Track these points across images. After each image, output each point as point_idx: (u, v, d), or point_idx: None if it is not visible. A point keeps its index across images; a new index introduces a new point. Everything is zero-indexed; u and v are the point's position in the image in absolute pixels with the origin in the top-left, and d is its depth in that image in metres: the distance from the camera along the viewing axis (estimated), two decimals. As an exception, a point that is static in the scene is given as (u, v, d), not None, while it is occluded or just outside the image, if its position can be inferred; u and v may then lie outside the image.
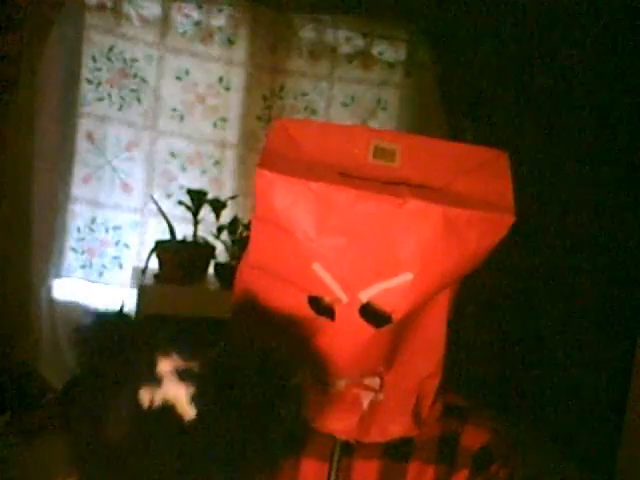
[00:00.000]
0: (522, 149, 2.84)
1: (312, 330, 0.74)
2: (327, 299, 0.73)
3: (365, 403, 0.78)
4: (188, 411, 0.60)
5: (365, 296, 0.71)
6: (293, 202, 0.70)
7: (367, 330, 0.71)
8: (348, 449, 0.81)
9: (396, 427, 0.79)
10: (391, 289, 0.70)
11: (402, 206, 0.68)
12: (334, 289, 0.71)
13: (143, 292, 2.35)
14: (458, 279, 0.74)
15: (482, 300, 2.74)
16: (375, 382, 0.78)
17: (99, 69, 2.65)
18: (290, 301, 0.75)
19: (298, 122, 0.80)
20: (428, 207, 0.68)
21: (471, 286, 0.80)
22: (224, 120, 2.82)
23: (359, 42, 2.92)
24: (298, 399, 0.63)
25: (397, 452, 0.81)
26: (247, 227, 2.45)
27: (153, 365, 0.61)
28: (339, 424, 0.79)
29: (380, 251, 0.70)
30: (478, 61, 2.79)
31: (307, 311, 0.74)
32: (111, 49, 2.65)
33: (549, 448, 2.55)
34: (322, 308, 0.74)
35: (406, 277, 0.70)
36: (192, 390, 0.60)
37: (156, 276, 2.41)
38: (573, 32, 2.71)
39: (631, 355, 2.16)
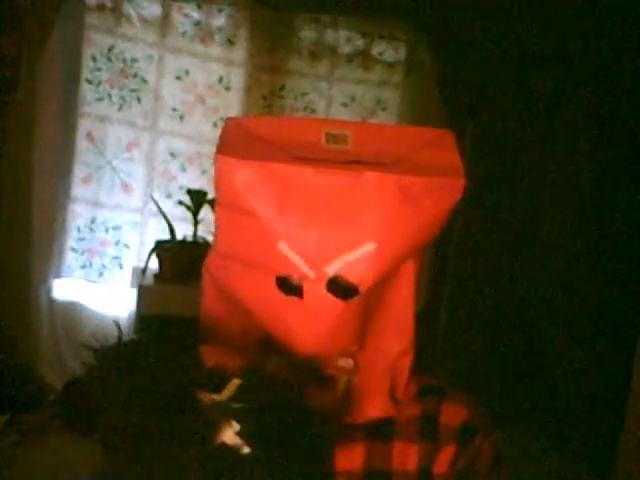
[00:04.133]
0: (522, 149, 2.85)
1: (284, 312, 0.75)
2: (295, 277, 0.75)
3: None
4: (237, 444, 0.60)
5: (331, 270, 0.72)
6: (253, 184, 0.72)
7: (336, 304, 0.73)
8: None
9: (373, 407, 0.80)
10: (356, 260, 0.72)
11: (358, 178, 0.71)
12: (300, 266, 0.73)
13: (143, 292, 2.35)
14: (421, 246, 0.77)
15: (483, 299, 2.74)
16: (349, 363, 0.79)
17: (99, 69, 2.65)
18: (260, 286, 0.76)
19: (251, 118, 0.82)
20: (383, 177, 0.71)
21: (473, 286, 0.80)
22: (224, 120, 2.80)
23: (359, 42, 2.92)
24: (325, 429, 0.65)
25: (379, 433, 0.82)
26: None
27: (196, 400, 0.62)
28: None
29: (342, 224, 0.72)
30: (478, 61, 2.79)
31: (277, 293, 0.75)
32: (111, 49, 2.65)
33: (548, 447, 2.56)
34: (290, 287, 0.75)
35: (369, 247, 0.72)
36: (237, 426, 0.61)
37: (156, 276, 2.42)
38: (573, 31, 2.71)
39: (631, 355, 2.16)
